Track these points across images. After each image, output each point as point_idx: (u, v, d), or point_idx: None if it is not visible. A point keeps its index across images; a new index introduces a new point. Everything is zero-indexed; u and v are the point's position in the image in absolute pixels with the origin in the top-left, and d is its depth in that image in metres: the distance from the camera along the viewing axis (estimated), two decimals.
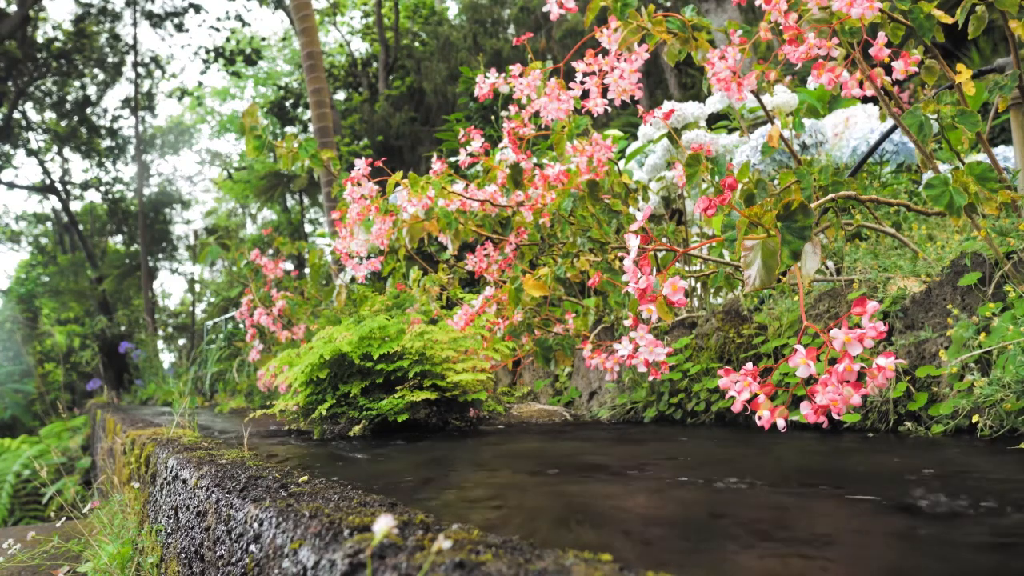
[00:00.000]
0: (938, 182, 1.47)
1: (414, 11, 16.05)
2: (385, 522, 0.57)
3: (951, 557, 0.72)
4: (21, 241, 20.21)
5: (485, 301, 2.30)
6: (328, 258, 4.26)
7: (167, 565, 1.49)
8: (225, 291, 10.05)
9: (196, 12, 15.57)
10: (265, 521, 0.89)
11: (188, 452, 1.59)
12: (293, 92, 16.43)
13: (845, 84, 1.62)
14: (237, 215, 20.67)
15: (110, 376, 12.61)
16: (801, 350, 1.03)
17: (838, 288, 1.97)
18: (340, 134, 13.14)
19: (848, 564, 0.71)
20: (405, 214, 2.33)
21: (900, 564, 0.71)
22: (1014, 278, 1.55)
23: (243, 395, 5.02)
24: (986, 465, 1.18)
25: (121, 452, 2.63)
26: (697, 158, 1.92)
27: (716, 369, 1.98)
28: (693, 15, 1.84)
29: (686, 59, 2.00)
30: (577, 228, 2.36)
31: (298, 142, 2.69)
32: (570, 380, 2.98)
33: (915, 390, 1.63)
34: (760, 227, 1.14)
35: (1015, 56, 1.77)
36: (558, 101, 2.02)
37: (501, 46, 12.28)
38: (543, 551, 0.64)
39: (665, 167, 3.33)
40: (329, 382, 2.24)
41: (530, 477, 1.29)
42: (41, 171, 16.41)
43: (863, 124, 3.17)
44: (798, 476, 1.19)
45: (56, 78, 15.42)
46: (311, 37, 6.91)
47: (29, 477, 6.99)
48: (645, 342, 1.23)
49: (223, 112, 22.77)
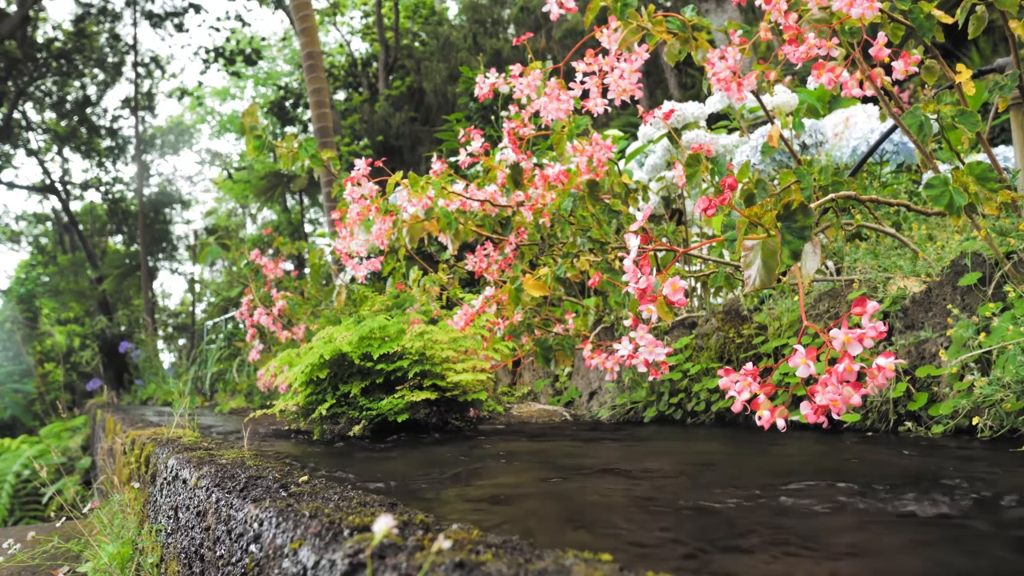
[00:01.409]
0: (938, 182, 1.46)
1: (414, 11, 16.04)
2: (385, 522, 0.57)
3: (952, 556, 0.72)
4: (21, 241, 20.21)
5: (485, 301, 2.30)
6: (328, 258, 4.26)
7: (167, 565, 1.49)
8: (225, 291, 10.04)
9: (196, 12, 15.56)
10: (265, 521, 0.89)
11: (188, 452, 1.59)
12: (293, 92, 16.42)
13: (845, 84, 1.62)
14: (237, 215, 20.66)
15: (110, 376, 12.61)
16: (801, 350, 1.03)
17: (838, 288, 1.97)
18: (340, 134, 13.14)
19: (849, 564, 0.71)
20: (405, 214, 2.33)
21: (900, 564, 0.71)
22: (1014, 278, 1.55)
23: (243, 395, 5.02)
24: (986, 465, 1.18)
25: (121, 452, 2.63)
26: (697, 158, 1.92)
27: (716, 369, 1.98)
28: (693, 15, 1.84)
29: (686, 59, 2.00)
30: (577, 228, 2.36)
31: (298, 142, 2.68)
32: (570, 380, 2.98)
33: (915, 390, 1.63)
34: (760, 227, 1.14)
35: (1015, 56, 1.77)
36: (558, 101, 2.02)
37: (501, 46, 12.28)
38: (543, 551, 0.64)
39: (665, 167, 3.33)
40: (329, 382, 2.24)
41: (530, 477, 1.29)
42: (41, 171, 16.41)
43: (863, 124, 3.17)
44: (798, 476, 1.19)
45: (56, 78, 15.42)
46: (311, 37, 6.91)
47: (29, 477, 6.98)
48: (645, 342, 1.23)
49: (223, 112, 22.77)
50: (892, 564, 0.70)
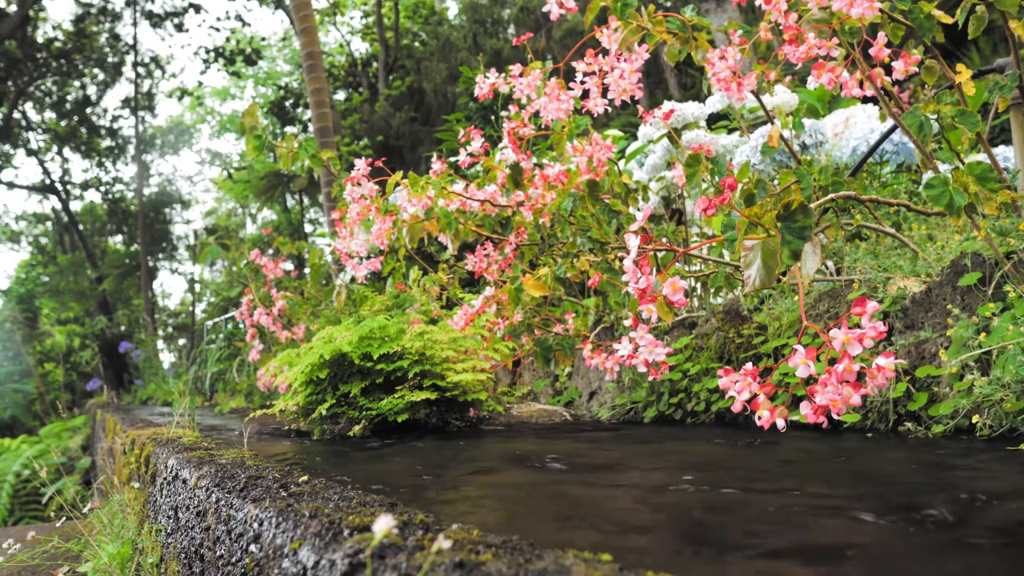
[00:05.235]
0: (938, 182, 1.47)
1: (414, 11, 16.04)
2: (385, 522, 0.57)
3: (950, 557, 0.72)
4: (21, 241, 20.21)
5: (485, 301, 2.30)
6: (328, 258, 4.26)
7: (167, 565, 1.49)
8: (225, 291, 10.04)
9: (196, 12, 15.56)
10: (265, 521, 0.89)
11: (188, 452, 1.59)
12: (293, 92, 16.43)
13: (845, 84, 1.62)
14: (237, 215, 20.66)
15: (110, 376, 12.61)
16: (801, 350, 1.03)
17: (838, 288, 1.97)
18: (340, 134, 13.14)
19: (848, 564, 0.71)
20: (405, 214, 2.33)
21: (901, 564, 0.71)
22: (1014, 278, 1.55)
23: (243, 395, 5.02)
24: (986, 465, 1.18)
25: (121, 452, 2.63)
26: (697, 158, 1.92)
27: (716, 369, 1.98)
28: (693, 15, 1.84)
29: (686, 59, 2.00)
30: (577, 228, 2.36)
31: (298, 142, 2.68)
32: (570, 380, 2.98)
33: (915, 390, 1.63)
34: (760, 227, 1.15)
35: (1015, 56, 1.77)
36: (558, 101, 2.02)
37: (501, 46, 12.28)
38: (543, 551, 0.64)
39: (665, 167, 3.33)
40: (329, 382, 2.24)
41: (530, 477, 1.29)
42: (41, 171, 16.40)
43: (863, 124, 3.17)
44: (798, 476, 1.19)
45: (56, 78, 15.42)
46: (311, 37, 6.91)
47: (29, 477, 6.99)
48: (645, 342, 1.23)
49: (223, 112, 22.77)
50: (892, 564, 0.70)
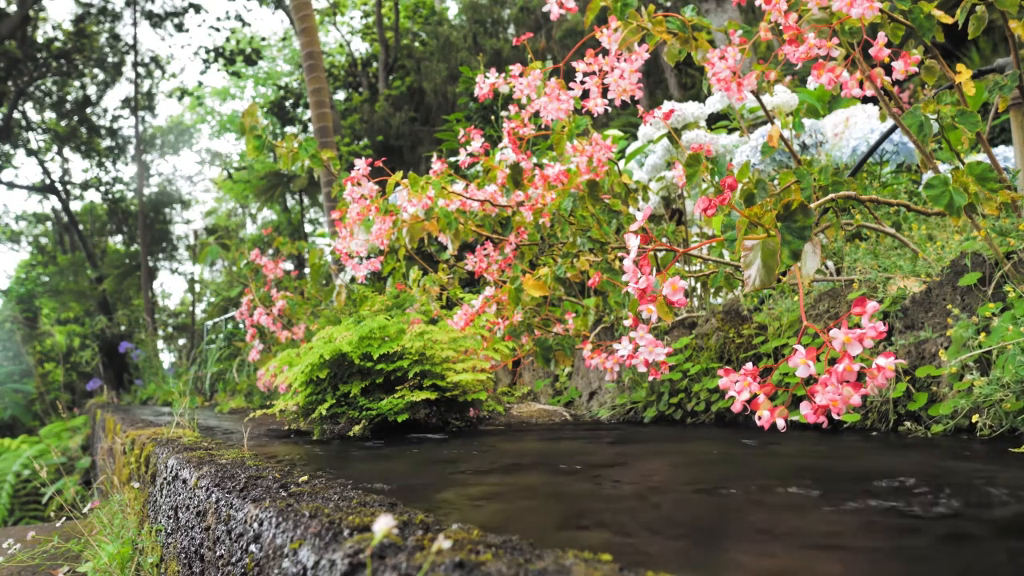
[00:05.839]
0: (938, 182, 1.47)
1: (414, 11, 16.04)
2: (385, 522, 0.57)
3: (950, 556, 0.72)
4: (21, 241, 20.21)
5: (485, 301, 2.30)
6: (328, 258, 4.26)
7: (167, 565, 1.49)
8: (225, 291, 10.05)
9: (196, 12, 15.56)
10: (265, 521, 0.89)
11: (188, 452, 1.59)
12: (293, 92, 16.43)
13: (845, 84, 1.62)
14: (237, 215, 20.66)
15: (110, 376, 12.61)
16: (801, 350, 1.03)
17: (838, 288, 1.97)
18: (340, 134, 13.14)
19: (848, 564, 0.71)
20: (405, 214, 2.33)
21: (901, 564, 0.71)
22: (1014, 278, 1.55)
23: (243, 395, 5.02)
24: (984, 464, 1.18)
25: (121, 452, 2.63)
26: (697, 158, 1.92)
27: (716, 369, 1.98)
28: (693, 15, 1.84)
29: (686, 59, 2.00)
30: (577, 228, 2.36)
31: (298, 142, 2.68)
32: (570, 380, 2.98)
33: (915, 390, 1.63)
34: (760, 227, 1.15)
35: (1015, 56, 1.77)
36: (558, 101, 2.02)
37: (501, 46, 12.28)
38: (543, 551, 0.64)
39: (665, 167, 3.33)
40: (329, 382, 2.24)
41: (530, 477, 1.29)
42: (41, 171, 16.40)
43: (863, 124, 3.17)
44: (798, 476, 1.19)
45: (56, 78, 15.41)
46: (311, 37, 6.91)
47: (29, 477, 6.99)
48: (645, 342, 1.23)
49: (223, 112, 22.77)
50: (892, 564, 0.70)
